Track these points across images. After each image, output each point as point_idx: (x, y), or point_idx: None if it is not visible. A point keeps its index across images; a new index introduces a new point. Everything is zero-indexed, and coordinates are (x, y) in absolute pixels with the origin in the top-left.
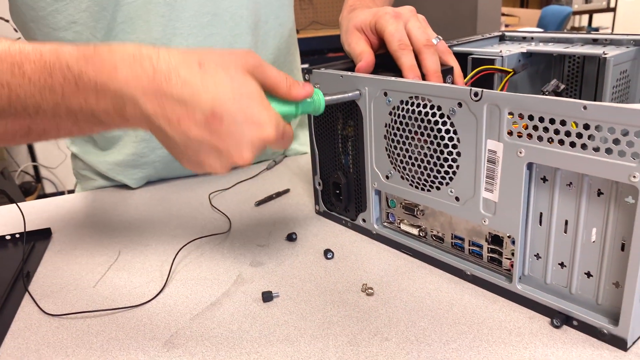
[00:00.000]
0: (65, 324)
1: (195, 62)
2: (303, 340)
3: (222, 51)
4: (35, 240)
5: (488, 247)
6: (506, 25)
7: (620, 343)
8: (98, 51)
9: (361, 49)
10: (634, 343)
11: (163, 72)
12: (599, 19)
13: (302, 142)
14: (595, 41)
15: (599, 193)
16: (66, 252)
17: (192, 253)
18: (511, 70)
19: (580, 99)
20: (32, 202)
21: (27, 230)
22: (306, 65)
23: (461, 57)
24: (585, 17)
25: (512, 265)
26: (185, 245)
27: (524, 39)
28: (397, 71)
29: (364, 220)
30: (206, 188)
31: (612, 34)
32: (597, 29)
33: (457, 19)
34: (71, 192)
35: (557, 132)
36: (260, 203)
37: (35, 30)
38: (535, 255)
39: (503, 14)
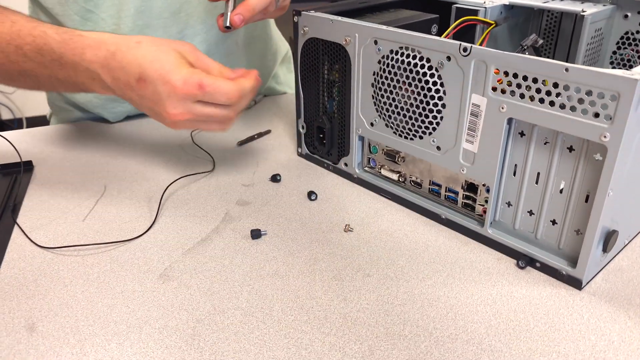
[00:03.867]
0: (59, 256)
1: (134, 40)
2: (292, 275)
3: (163, 38)
4: (17, 173)
5: (463, 194)
6: None
7: (576, 283)
8: (73, 37)
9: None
10: (587, 283)
11: (111, 51)
12: None
13: (281, 82)
14: None
15: (571, 149)
16: (50, 185)
17: (178, 190)
18: (493, 22)
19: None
20: (6, 134)
21: (6, 162)
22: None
23: (445, 6)
24: None
25: (484, 212)
26: (172, 183)
27: None
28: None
29: (345, 165)
30: None
31: None
32: None
33: None
34: (40, 120)
35: (538, 90)
36: (242, 143)
37: None
38: (507, 203)
39: None
